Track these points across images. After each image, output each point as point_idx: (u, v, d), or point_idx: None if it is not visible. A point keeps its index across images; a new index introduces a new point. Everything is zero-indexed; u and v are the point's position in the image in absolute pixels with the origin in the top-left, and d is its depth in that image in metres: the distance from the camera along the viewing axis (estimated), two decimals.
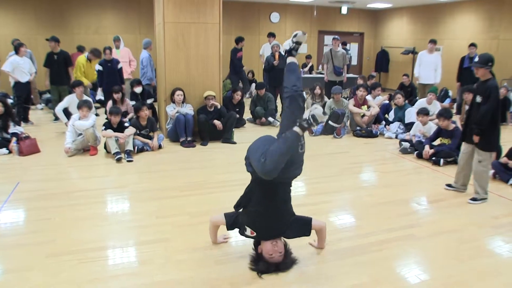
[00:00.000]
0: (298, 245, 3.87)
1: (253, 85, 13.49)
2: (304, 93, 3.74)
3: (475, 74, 5.32)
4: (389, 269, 3.73)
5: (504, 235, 4.45)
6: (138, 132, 7.46)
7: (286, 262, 3.61)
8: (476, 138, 5.25)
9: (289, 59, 3.85)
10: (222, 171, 6.44)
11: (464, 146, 5.62)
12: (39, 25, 13.21)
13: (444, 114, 7.09)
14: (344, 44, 14.80)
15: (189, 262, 3.77)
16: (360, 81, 11.28)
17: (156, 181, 6.01)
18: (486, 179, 5.43)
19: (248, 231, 3.61)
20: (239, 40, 11.99)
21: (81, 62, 10.43)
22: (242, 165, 3.53)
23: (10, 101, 9.95)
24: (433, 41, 11.33)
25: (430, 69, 11.22)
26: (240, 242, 4.18)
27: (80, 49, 11.81)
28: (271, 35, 12.54)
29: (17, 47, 9.39)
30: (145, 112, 7.54)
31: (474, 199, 5.44)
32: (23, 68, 9.35)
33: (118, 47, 11.30)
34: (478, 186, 5.43)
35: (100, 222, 4.61)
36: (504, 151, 6.53)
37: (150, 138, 7.66)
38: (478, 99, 5.25)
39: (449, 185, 5.87)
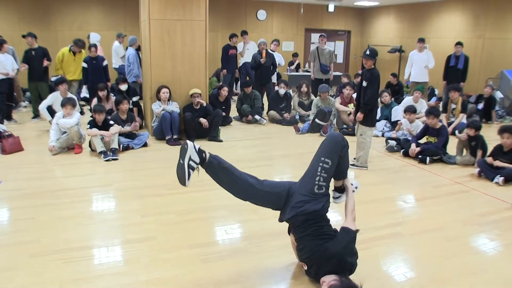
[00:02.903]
0: (285, 244, 3.85)
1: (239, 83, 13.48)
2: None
3: (364, 64, 6.42)
4: (375, 267, 3.74)
5: (489, 232, 4.48)
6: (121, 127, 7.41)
7: None
8: (361, 116, 6.43)
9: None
10: None
11: (357, 127, 6.74)
12: (22, 21, 13.01)
13: (434, 112, 7.15)
14: None
15: (175, 261, 3.74)
16: (344, 79, 11.30)
17: (141, 179, 5.97)
18: (366, 150, 6.60)
19: None
20: (232, 36, 11.97)
21: (62, 52, 10.28)
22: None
23: None
24: (422, 40, 11.39)
25: (422, 67, 11.33)
26: (226, 241, 4.17)
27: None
28: (244, 32, 12.51)
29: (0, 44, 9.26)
30: (125, 106, 7.52)
31: (353, 164, 6.61)
32: (5, 65, 9.21)
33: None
34: (361, 155, 6.61)
35: (85, 221, 4.56)
36: (490, 150, 6.60)
37: (134, 136, 7.62)
38: (364, 83, 6.40)
39: (352, 164, 6.65)
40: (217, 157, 3.42)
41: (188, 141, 3.31)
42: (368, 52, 6.32)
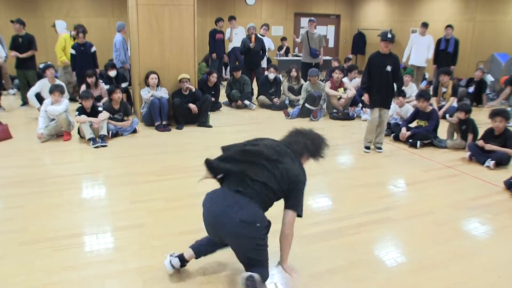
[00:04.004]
0: (275, 230, 3.83)
1: (228, 68, 13.40)
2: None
3: (385, 47, 6.26)
4: (366, 252, 3.73)
5: (480, 216, 4.49)
6: (111, 116, 7.30)
7: None
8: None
9: None
10: (198, 155, 6.33)
11: (375, 112, 6.57)
12: (8, 8, 12.82)
13: (424, 95, 7.15)
14: None
15: (164, 248, 3.71)
16: (334, 63, 11.25)
17: (130, 166, 5.92)
18: None
19: None
20: (217, 20, 11.88)
21: (64, 37, 10.14)
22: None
23: None
24: (425, 25, 11.29)
25: (423, 51, 11.27)
26: None
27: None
28: (232, 18, 12.44)
29: None
30: (118, 95, 7.39)
31: (379, 148, 6.79)
32: None
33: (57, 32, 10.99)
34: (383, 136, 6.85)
35: (74, 209, 4.52)
36: (480, 133, 6.60)
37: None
38: (389, 68, 6.29)
39: (367, 148, 6.82)
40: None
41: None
42: (389, 36, 6.30)
